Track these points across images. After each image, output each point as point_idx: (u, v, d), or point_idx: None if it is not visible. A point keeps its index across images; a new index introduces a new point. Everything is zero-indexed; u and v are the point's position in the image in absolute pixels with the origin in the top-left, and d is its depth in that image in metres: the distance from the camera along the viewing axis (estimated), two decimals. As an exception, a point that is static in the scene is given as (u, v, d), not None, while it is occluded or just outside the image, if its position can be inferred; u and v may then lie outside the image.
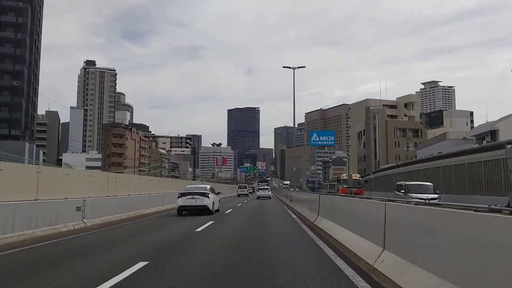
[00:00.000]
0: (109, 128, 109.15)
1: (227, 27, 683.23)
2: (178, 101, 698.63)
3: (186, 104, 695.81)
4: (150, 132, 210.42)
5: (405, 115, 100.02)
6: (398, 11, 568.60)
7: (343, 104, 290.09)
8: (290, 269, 6.57)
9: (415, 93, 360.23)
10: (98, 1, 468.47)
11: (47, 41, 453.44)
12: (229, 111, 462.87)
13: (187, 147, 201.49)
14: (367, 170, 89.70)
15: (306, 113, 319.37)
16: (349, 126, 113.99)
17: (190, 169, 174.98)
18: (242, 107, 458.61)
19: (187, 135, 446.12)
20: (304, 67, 45.65)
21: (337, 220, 11.26)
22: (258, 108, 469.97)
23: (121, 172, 66.85)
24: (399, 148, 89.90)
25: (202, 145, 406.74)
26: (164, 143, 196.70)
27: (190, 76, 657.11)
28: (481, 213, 4.21)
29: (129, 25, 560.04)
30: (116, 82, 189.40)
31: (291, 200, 31.08)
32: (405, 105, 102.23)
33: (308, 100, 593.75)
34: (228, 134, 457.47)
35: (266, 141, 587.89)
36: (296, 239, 10.87)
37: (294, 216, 19.31)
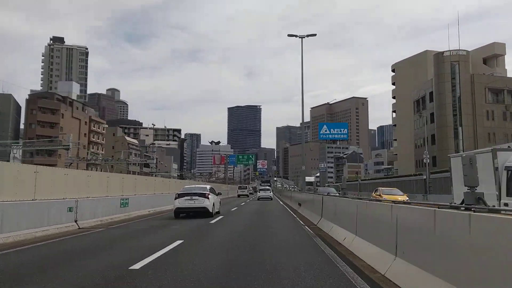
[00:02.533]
0: (34, 100, 69.87)
1: (227, 30, 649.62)
2: (178, 103, 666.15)
3: (187, 106, 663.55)
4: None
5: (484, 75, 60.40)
6: (398, 15, 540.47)
7: (353, 97, 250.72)
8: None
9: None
10: (99, 5, 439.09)
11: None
12: (230, 109, 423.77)
13: (174, 140, 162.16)
14: (439, 160, 50.41)
15: (311, 108, 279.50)
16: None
17: (175, 165, 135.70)
18: (243, 105, 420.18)
19: (185, 134, 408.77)
20: (315, 35, 30.95)
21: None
22: (259, 106, 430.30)
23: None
24: (493, 121, 50.54)
25: (201, 144, 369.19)
26: (147, 135, 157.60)
27: (191, 79, 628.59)
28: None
29: (131, 29, 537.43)
30: (88, 61, 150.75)
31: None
32: (484, 61, 62.77)
33: (308, 103, 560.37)
34: (228, 133, 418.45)
35: (268, 142, 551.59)
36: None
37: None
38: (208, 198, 17.50)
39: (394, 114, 69.80)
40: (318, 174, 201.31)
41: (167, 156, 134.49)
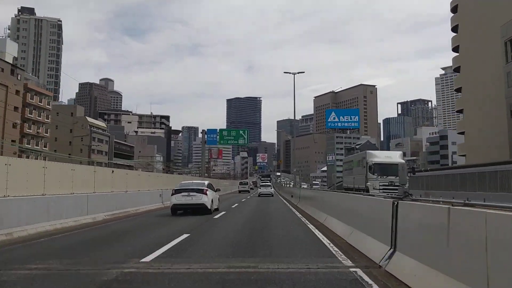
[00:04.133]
0: None
1: (227, 24, 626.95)
2: (178, 97, 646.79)
3: (187, 100, 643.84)
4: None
5: None
6: (397, 9, 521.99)
7: (360, 85, 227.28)
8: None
9: (434, 79, 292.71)
10: None
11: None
12: (229, 101, 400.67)
13: (161, 128, 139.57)
14: None
15: (314, 97, 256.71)
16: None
17: (158, 157, 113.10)
18: (242, 96, 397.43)
19: (182, 127, 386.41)
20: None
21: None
22: (259, 98, 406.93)
23: None
24: None
25: (199, 137, 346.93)
26: (129, 122, 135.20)
27: (190, 73, 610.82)
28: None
29: (130, 22, 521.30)
30: (62, 35, 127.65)
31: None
32: None
33: (308, 96, 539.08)
34: (227, 126, 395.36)
35: (269, 137, 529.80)
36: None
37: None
38: (206, 194, 16.47)
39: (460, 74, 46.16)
40: (324, 168, 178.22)
41: (150, 145, 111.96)
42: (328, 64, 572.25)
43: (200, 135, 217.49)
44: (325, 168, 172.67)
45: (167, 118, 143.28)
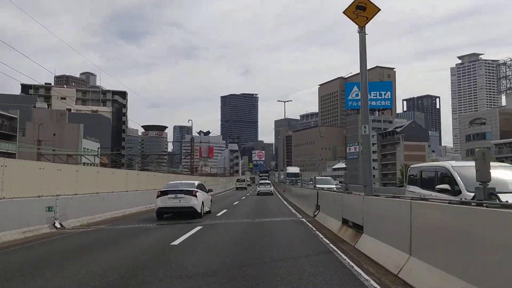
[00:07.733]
0: None
1: (223, 27, 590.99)
2: (173, 101, 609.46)
3: (182, 104, 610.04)
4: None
5: None
6: (393, 12, 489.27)
7: (376, 67, 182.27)
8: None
9: (450, 69, 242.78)
10: (94, 2, 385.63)
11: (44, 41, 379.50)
12: (223, 98, 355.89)
13: (114, 107, 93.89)
14: None
15: (319, 85, 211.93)
16: None
17: (89, 143, 67.91)
18: (238, 93, 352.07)
19: (174, 126, 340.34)
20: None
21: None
22: (256, 95, 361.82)
23: None
24: None
25: (188, 135, 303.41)
26: (64, 98, 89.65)
27: (186, 77, 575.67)
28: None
29: (126, 26, 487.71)
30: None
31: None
32: None
33: (304, 100, 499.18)
34: (221, 124, 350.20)
35: (266, 139, 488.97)
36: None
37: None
38: (195, 196, 14.29)
39: None
40: (337, 165, 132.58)
41: (71, 124, 66.39)
42: (324, 67, 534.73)
43: (194, 132, 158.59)
44: (338, 165, 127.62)
45: (122, 94, 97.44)
